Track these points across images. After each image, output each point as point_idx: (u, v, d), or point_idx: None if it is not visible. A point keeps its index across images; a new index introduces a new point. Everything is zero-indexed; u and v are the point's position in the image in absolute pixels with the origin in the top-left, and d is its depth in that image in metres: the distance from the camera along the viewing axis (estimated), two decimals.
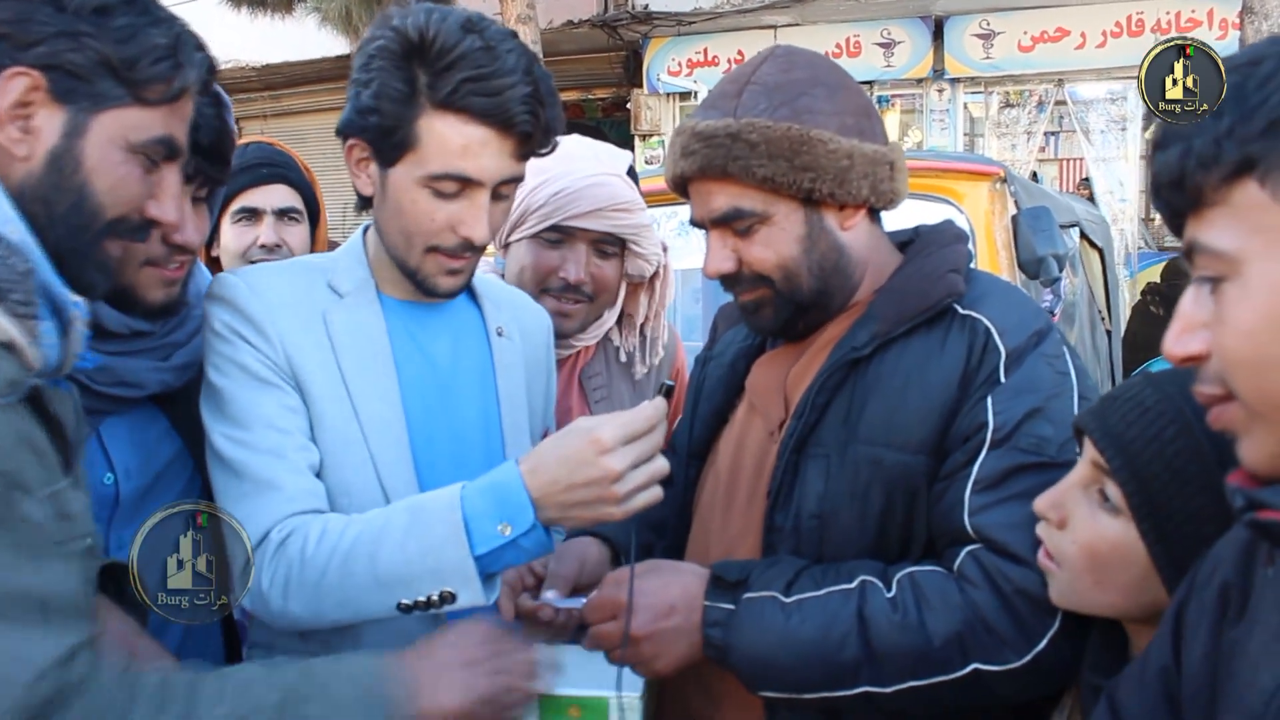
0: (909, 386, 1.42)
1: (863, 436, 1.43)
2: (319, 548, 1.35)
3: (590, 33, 11.85)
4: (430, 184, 1.44)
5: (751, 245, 1.47)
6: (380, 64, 1.43)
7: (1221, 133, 0.80)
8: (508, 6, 9.16)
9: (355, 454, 1.47)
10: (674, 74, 11.80)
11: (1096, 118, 11.13)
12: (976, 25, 10.90)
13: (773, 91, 1.44)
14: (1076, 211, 4.83)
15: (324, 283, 1.54)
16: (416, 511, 1.35)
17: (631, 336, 2.23)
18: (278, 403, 1.45)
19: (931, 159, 3.84)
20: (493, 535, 1.31)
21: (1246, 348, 0.80)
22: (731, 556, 1.51)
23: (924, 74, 11.21)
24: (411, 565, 1.32)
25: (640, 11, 11.49)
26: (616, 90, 12.61)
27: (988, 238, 3.25)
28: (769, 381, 1.58)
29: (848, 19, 11.11)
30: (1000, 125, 11.49)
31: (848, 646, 1.33)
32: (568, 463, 1.29)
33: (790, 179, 1.41)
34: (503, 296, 1.71)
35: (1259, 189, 0.78)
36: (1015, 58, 10.87)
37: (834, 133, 1.43)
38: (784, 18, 11.16)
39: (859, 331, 1.46)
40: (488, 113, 1.40)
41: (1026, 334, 1.42)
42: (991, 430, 1.37)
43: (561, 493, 1.29)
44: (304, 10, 9.85)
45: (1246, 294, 0.80)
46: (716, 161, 1.43)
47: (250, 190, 2.26)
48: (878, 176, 1.47)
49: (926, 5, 10.72)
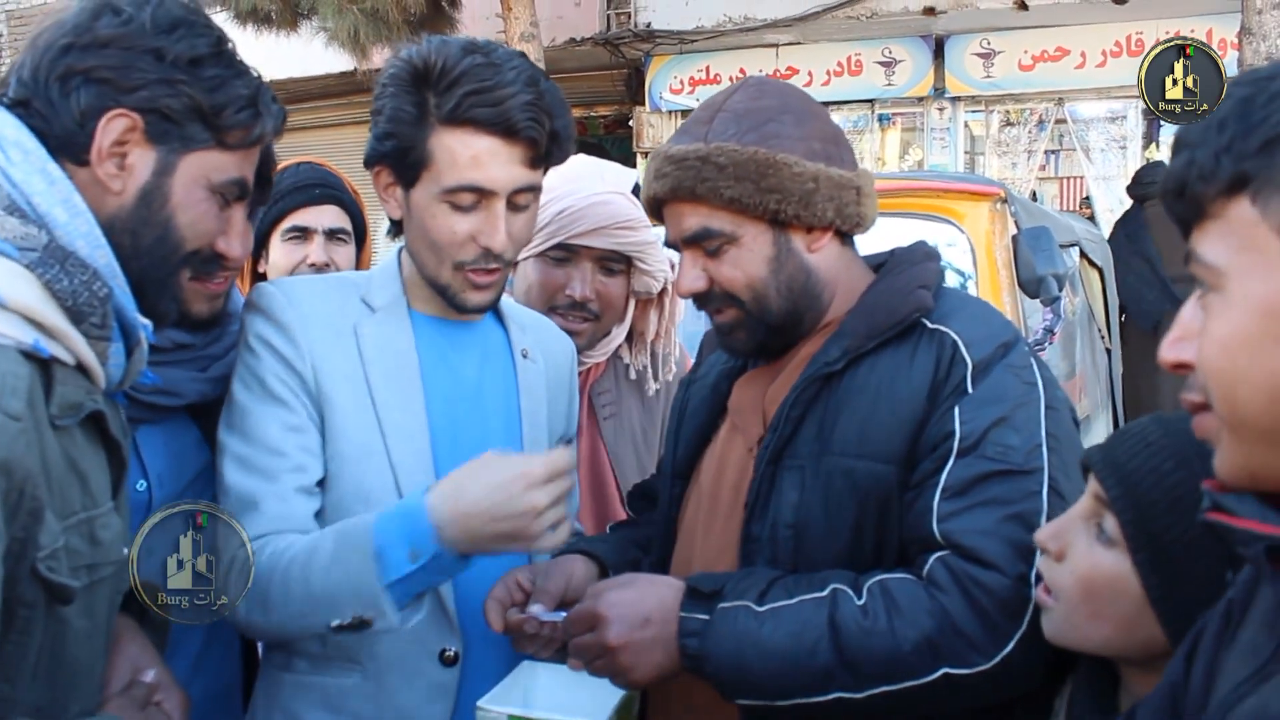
0: (879, 399, 1.46)
1: (836, 448, 1.47)
2: (269, 563, 1.40)
3: (593, 51, 11.90)
4: (447, 198, 1.49)
5: (721, 265, 1.52)
6: (392, 90, 1.51)
7: (1221, 146, 0.81)
8: (511, 25, 9.21)
9: (375, 462, 1.51)
10: (676, 92, 11.85)
11: (1097, 136, 11.17)
12: (977, 44, 10.94)
13: (742, 117, 1.51)
14: (1076, 231, 4.85)
15: (358, 297, 1.59)
16: (340, 537, 1.40)
17: (642, 354, 2.25)
18: (282, 423, 1.49)
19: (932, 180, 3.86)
20: (402, 562, 1.35)
21: (1221, 360, 0.82)
22: (712, 570, 1.54)
23: (925, 92, 11.25)
24: (335, 588, 1.36)
25: (643, 30, 11.54)
26: (619, 108, 12.66)
27: (988, 257, 3.27)
28: (748, 399, 1.62)
29: (849, 38, 11.16)
30: (1001, 144, 11.52)
31: (820, 653, 1.35)
32: (495, 491, 1.33)
33: (756, 200, 1.47)
34: (528, 320, 1.77)
35: (1250, 206, 0.79)
36: (1016, 77, 10.91)
37: (800, 157, 1.48)
38: (785, 36, 11.21)
39: (831, 347, 1.51)
40: (492, 122, 1.47)
41: (993, 345, 1.46)
42: (959, 439, 1.40)
43: (483, 523, 1.33)
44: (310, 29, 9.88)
45: (1227, 308, 0.81)
46: (686, 183, 1.49)
47: (302, 210, 2.29)
48: (843, 200, 1.52)
49: (927, 24, 10.77)
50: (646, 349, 2.26)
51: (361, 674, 1.50)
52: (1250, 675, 0.85)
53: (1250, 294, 0.79)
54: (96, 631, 1.18)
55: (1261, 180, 0.79)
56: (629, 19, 11.65)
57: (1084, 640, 1.24)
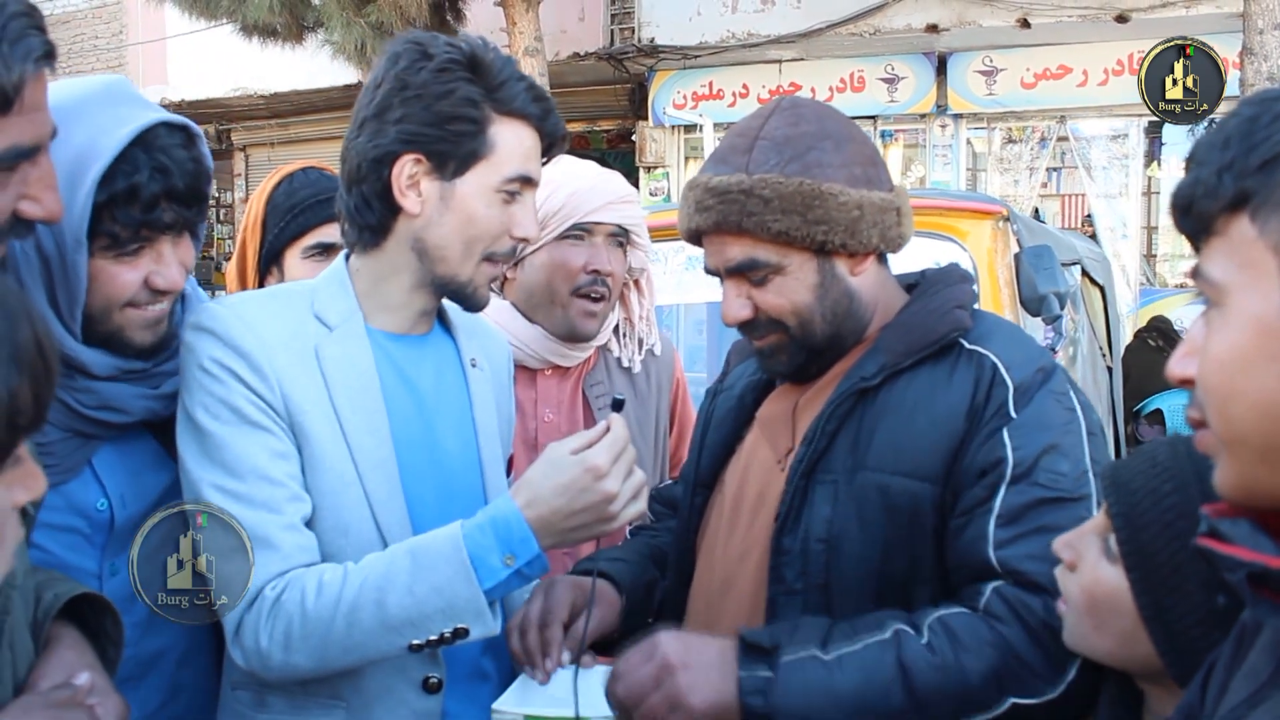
0: (916, 416, 1.47)
1: (871, 464, 1.47)
2: (320, 600, 1.36)
3: (596, 65, 11.93)
4: (505, 187, 1.50)
5: (766, 293, 1.52)
6: (450, 77, 1.45)
7: (1224, 164, 0.81)
8: (515, 39, 9.25)
9: (351, 494, 1.46)
10: (679, 107, 11.88)
11: (1099, 154, 11.19)
12: (979, 62, 10.98)
13: (782, 146, 1.49)
14: (1078, 249, 4.86)
15: (309, 311, 1.52)
16: (419, 554, 1.37)
17: (631, 343, 2.31)
18: (269, 450, 1.42)
19: (935, 198, 3.87)
20: (498, 568, 1.35)
21: (1217, 377, 0.82)
22: (732, 579, 1.56)
23: (927, 109, 11.28)
24: (422, 607, 1.34)
25: (646, 45, 11.58)
26: (622, 122, 12.69)
27: (990, 275, 3.27)
28: (778, 411, 1.63)
29: (852, 54, 11.19)
30: (1003, 161, 11.54)
31: (892, 695, 1.35)
32: (567, 491, 1.35)
33: (804, 233, 1.47)
34: (470, 325, 1.71)
35: (1249, 223, 0.80)
36: (1018, 94, 10.93)
37: (844, 185, 1.48)
38: (789, 52, 11.25)
39: (867, 363, 1.51)
40: (539, 118, 1.52)
41: (1032, 369, 1.47)
42: (1011, 466, 1.41)
43: (562, 520, 1.36)
44: (316, 42, 9.92)
45: (1225, 325, 0.82)
46: (731, 217, 1.48)
47: (326, 225, 2.14)
48: (886, 224, 1.52)
49: (930, 41, 10.80)
50: (634, 335, 2.32)
51: (345, 709, 1.47)
52: (1247, 698, 0.86)
53: (1247, 311, 0.80)
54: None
55: (1261, 199, 0.79)
56: (633, 34, 11.69)
57: (1092, 650, 1.25)
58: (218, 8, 9.95)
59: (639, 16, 11.63)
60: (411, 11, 8.81)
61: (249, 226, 2.21)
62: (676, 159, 12.25)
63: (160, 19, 12.63)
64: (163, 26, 13.20)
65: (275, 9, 9.47)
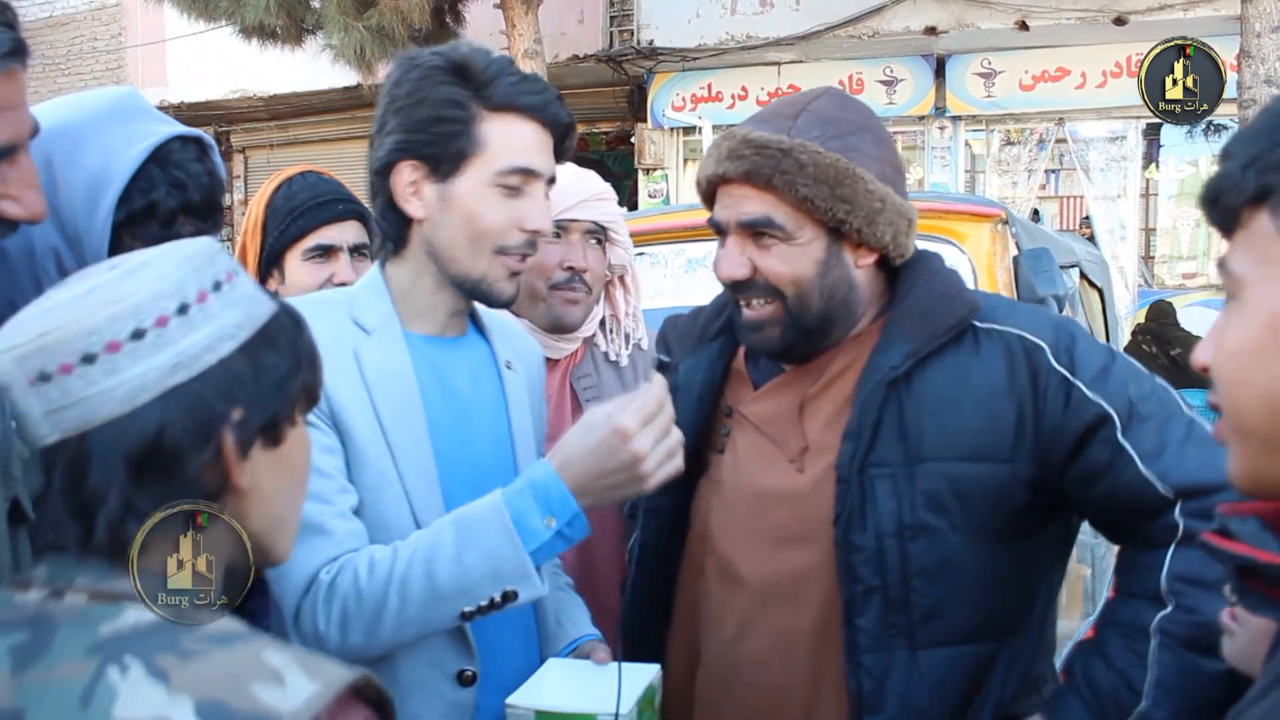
0: (959, 401, 1.50)
1: (928, 454, 1.50)
2: (372, 578, 1.40)
3: (595, 67, 11.95)
4: (500, 181, 1.51)
5: (768, 256, 1.53)
6: (431, 82, 1.51)
7: (1250, 159, 0.82)
8: (515, 41, 9.26)
9: (391, 491, 1.50)
10: (678, 109, 11.89)
11: (1097, 156, 11.20)
12: (978, 64, 10.99)
13: (828, 123, 1.52)
14: (1076, 252, 4.86)
15: (348, 318, 1.56)
16: (462, 524, 1.41)
17: (618, 337, 2.34)
18: (318, 445, 1.44)
19: (935, 200, 3.87)
20: (540, 530, 1.38)
21: (1229, 366, 0.84)
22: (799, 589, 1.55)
23: (926, 111, 11.29)
24: (470, 574, 1.38)
25: (645, 47, 11.59)
26: (621, 124, 12.70)
27: (989, 278, 3.28)
28: (780, 411, 1.62)
29: (851, 56, 11.20)
30: (1001, 163, 11.56)
31: None
32: (597, 453, 1.38)
33: (827, 205, 1.49)
34: (504, 329, 1.75)
35: (1269, 219, 0.80)
36: (1016, 96, 10.95)
37: (874, 176, 1.50)
38: (788, 54, 11.26)
39: (888, 353, 1.52)
40: (537, 108, 1.53)
41: (1052, 329, 1.53)
42: (1115, 415, 1.47)
43: (596, 480, 1.39)
44: (316, 45, 9.92)
45: (1241, 316, 0.83)
46: (764, 170, 1.50)
47: (326, 227, 2.17)
48: (899, 227, 1.55)
49: (929, 44, 10.82)
50: (621, 330, 2.34)
51: None
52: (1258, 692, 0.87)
53: (1261, 305, 0.81)
54: None
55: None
56: (632, 36, 11.71)
57: (1251, 672, 1.24)
58: (216, 9, 9.95)
59: (638, 19, 11.65)
60: (411, 15, 8.81)
61: (249, 231, 2.22)
62: (675, 161, 12.26)
63: (159, 21, 12.63)
64: (162, 28, 13.20)
65: (273, 10, 9.47)
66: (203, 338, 0.95)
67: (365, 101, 12.36)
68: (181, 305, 0.94)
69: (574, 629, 1.70)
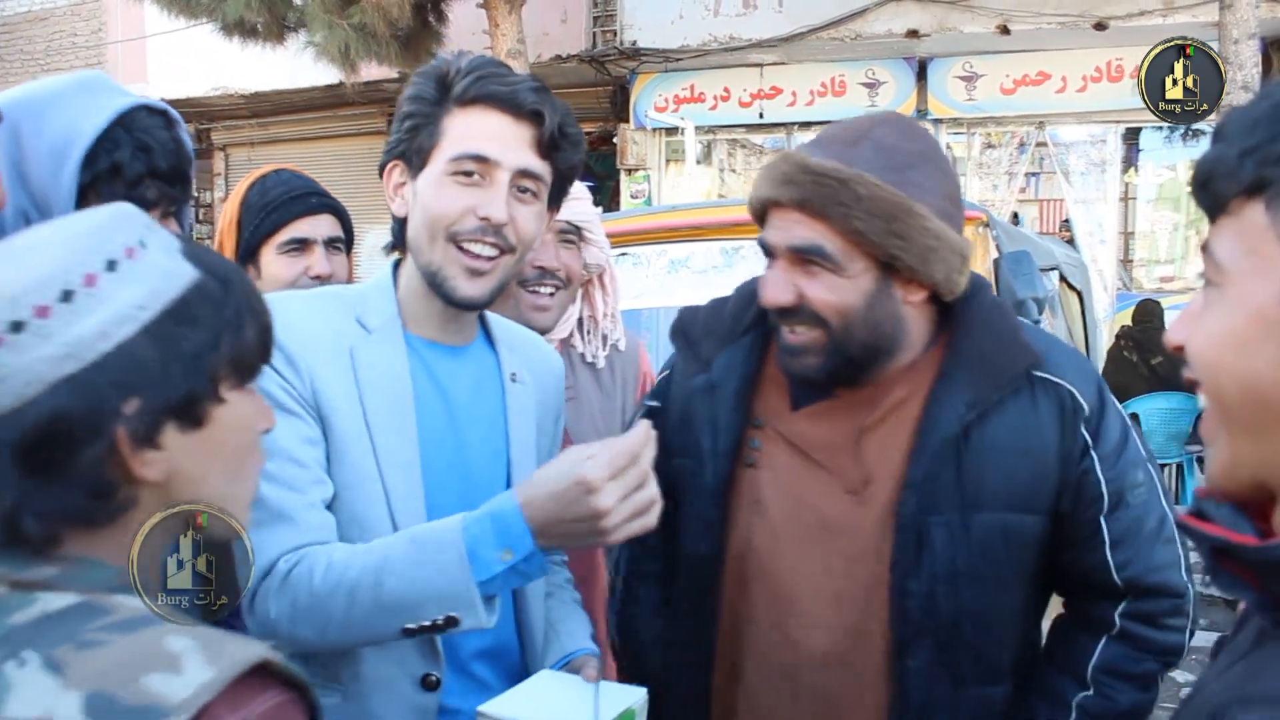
0: (1017, 454, 1.52)
1: (987, 503, 1.51)
2: (325, 577, 1.38)
3: (578, 68, 11.94)
4: (452, 168, 1.51)
5: (815, 284, 1.50)
6: (415, 84, 1.56)
7: (1248, 147, 0.81)
8: (498, 41, 9.24)
9: (370, 489, 1.49)
10: (660, 110, 11.89)
11: (1077, 160, 11.27)
12: (959, 67, 11.04)
13: (888, 153, 1.48)
14: (1056, 255, 4.89)
15: (353, 316, 1.57)
16: (420, 541, 1.38)
17: (595, 339, 2.33)
18: (298, 434, 1.47)
19: None
20: (494, 562, 1.35)
21: (1208, 350, 0.84)
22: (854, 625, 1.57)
23: (908, 114, 11.30)
24: (417, 591, 1.35)
25: (628, 48, 11.59)
26: (603, 124, 12.69)
27: None
28: (834, 439, 1.59)
29: (833, 59, 11.24)
30: (982, 166, 11.61)
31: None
32: (559, 500, 1.32)
33: (881, 241, 1.45)
34: (517, 340, 1.75)
35: (1263, 211, 0.80)
36: (997, 100, 11.00)
37: (932, 212, 1.47)
38: (771, 56, 11.28)
39: (951, 401, 1.52)
40: (502, 98, 1.52)
41: (1094, 388, 1.57)
42: (1107, 499, 1.55)
43: (555, 525, 1.33)
44: (298, 43, 9.87)
45: (1224, 304, 0.83)
46: (819, 200, 1.46)
47: (299, 220, 2.21)
48: (952, 265, 1.51)
49: (911, 47, 10.86)
50: (598, 331, 2.33)
51: (341, 694, 1.50)
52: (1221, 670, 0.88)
53: (1247, 297, 0.81)
54: None
55: (1278, 189, 0.79)
56: (615, 36, 11.70)
57: None
58: (198, 6, 9.89)
59: (621, 19, 11.64)
60: (394, 13, 8.78)
61: (225, 228, 2.26)
62: (658, 162, 12.26)
63: (140, 17, 12.55)
64: (142, 25, 13.12)
65: (254, 7, 9.41)
66: (93, 325, 0.89)
67: (347, 100, 12.33)
68: (65, 292, 0.89)
69: (570, 642, 1.67)
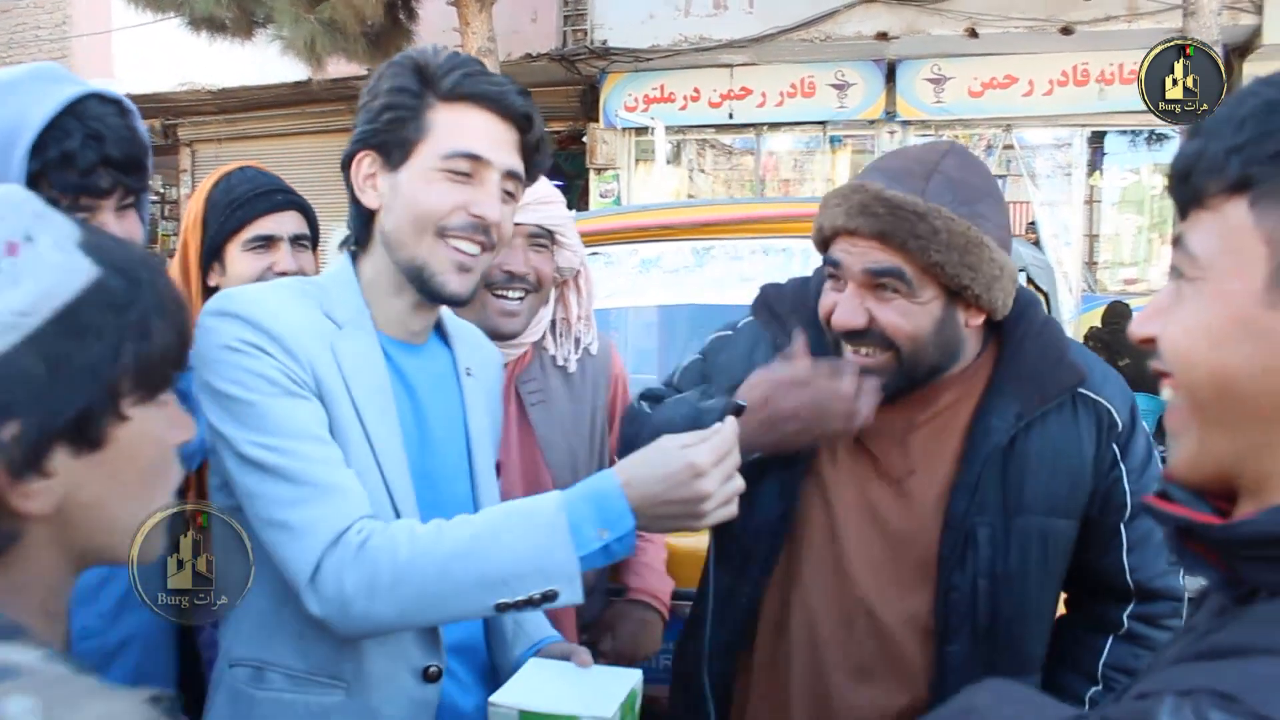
0: (1057, 464, 1.63)
1: (1028, 508, 1.63)
2: (414, 550, 1.36)
3: (548, 66, 11.93)
4: (444, 165, 1.50)
5: (888, 309, 1.57)
6: (389, 77, 1.53)
7: (1234, 145, 0.81)
8: (468, 39, 9.22)
9: (371, 479, 1.47)
10: (630, 109, 11.90)
11: (1043, 163, 11.39)
12: (928, 70, 11.13)
13: (958, 187, 1.56)
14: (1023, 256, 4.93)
15: (320, 310, 1.53)
16: (523, 515, 1.39)
17: (567, 342, 2.31)
18: (315, 415, 1.43)
19: None
20: (592, 539, 1.36)
21: (1182, 342, 0.84)
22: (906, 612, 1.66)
23: (876, 115, 11.41)
24: (519, 566, 1.35)
25: (598, 47, 11.59)
26: (573, 124, 12.69)
27: None
28: (885, 428, 1.67)
29: (803, 60, 11.29)
30: None
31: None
32: (665, 481, 1.36)
33: (954, 272, 1.53)
34: (466, 335, 1.75)
35: (1247, 210, 0.80)
36: (965, 102, 11.10)
37: (996, 243, 1.56)
38: (740, 57, 11.32)
39: (1000, 412, 1.63)
40: (492, 98, 1.52)
41: (1128, 408, 1.68)
42: (1130, 508, 1.66)
43: (655, 506, 1.37)
44: (266, 37, 9.79)
45: (1199, 299, 0.83)
46: (899, 233, 1.52)
47: (265, 217, 2.19)
48: (1008, 291, 1.61)
49: (880, 49, 10.93)
50: (571, 334, 2.31)
51: (345, 691, 1.48)
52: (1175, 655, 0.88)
53: (1225, 294, 0.81)
54: None
55: (1265, 189, 0.79)
56: (585, 36, 11.70)
57: None
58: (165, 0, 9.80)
59: (591, 19, 11.65)
60: (364, 9, 8.74)
61: (189, 226, 2.23)
62: (627, 161, 12.27)
63: (105, 10, 12.42)
64: (108, 18, 12.97)
65: (224, 2, 9.34)
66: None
67: (314, 96, 12.25)
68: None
69: (535, 630, 1.69)
